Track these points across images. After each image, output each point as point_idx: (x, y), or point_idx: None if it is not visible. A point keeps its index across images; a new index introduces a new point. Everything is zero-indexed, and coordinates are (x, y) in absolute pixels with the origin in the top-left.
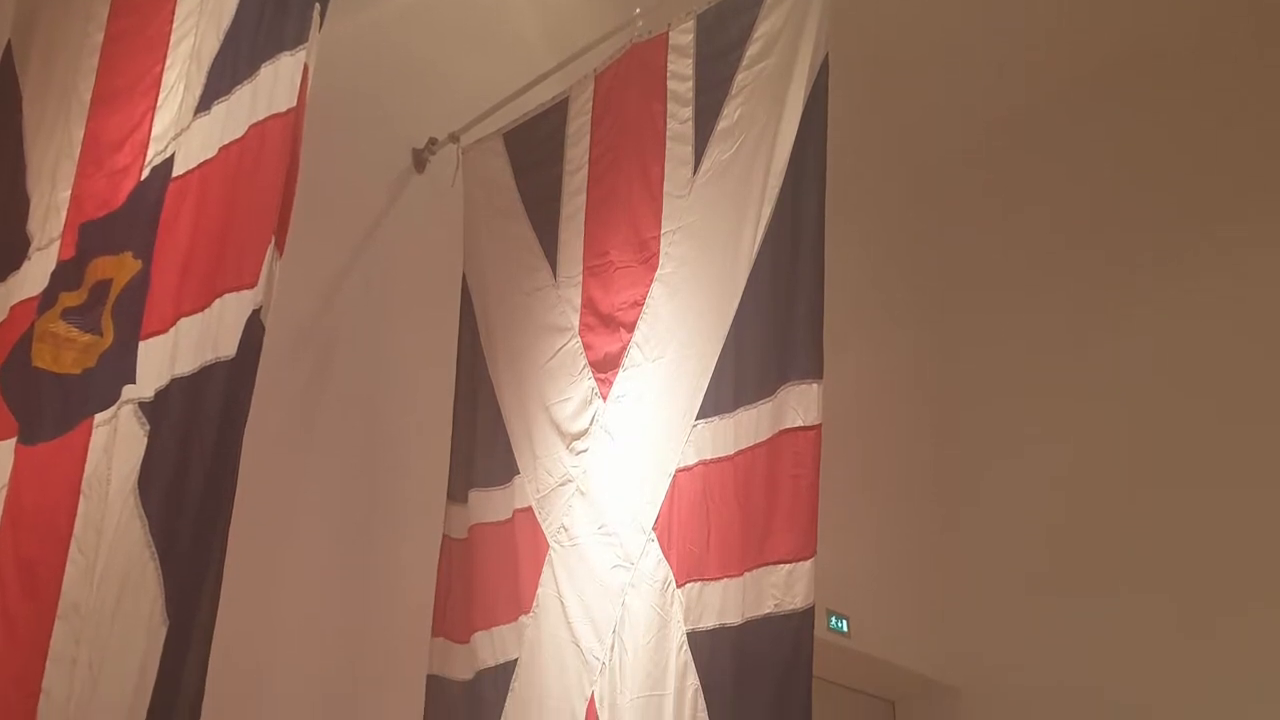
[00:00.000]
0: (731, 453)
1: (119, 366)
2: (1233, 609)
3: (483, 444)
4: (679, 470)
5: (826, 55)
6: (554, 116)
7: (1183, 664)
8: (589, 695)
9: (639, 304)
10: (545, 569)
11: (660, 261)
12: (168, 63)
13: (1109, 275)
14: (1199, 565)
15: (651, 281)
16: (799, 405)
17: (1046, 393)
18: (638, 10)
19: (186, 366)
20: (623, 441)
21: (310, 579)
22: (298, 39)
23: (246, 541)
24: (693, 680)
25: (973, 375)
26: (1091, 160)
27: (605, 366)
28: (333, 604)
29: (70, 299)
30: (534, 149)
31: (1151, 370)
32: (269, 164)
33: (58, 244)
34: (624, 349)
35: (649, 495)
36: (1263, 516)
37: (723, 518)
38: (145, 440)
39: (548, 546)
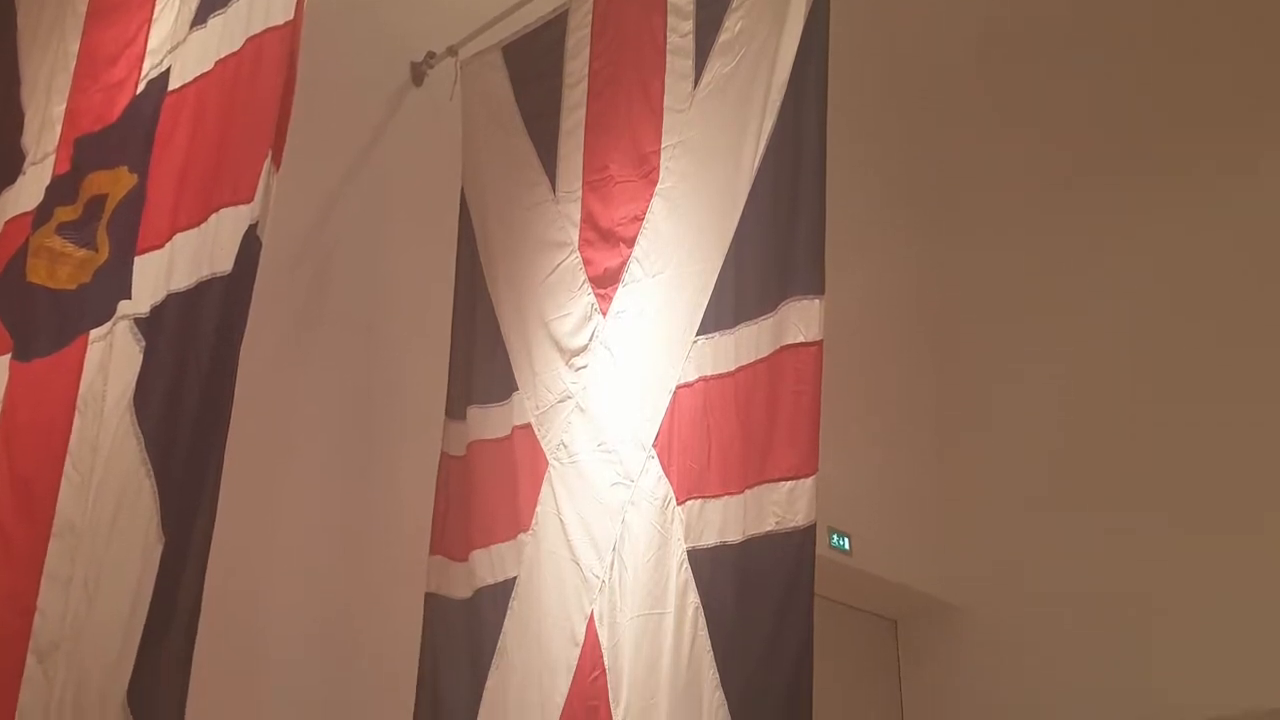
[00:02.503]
0: (732, 369)
1: (115, 282)
2: (1233, 524)
3: (481, 360)
4: (679, 386)
5: None
6: (553, 29)
7: (1183, 581)
8: (589, 613)
9: (639, 219)
10: (544, 486)
11: (660, 176)
12: None
13: (1111, 190)
14: (1200, 481)
15: (652, 196)
16: (800, 321)
17: (1049, 309)
18: None
19: (182, 282)
20: (622, 358)
21: (307, 497)
22: None
23: (243, 458)
24: (693, 598)
25: (975, 291)
26: (1092, 71)
27: (605, 282)
28: (330, 522)
29: (65, 214)
30: (533, 62)
31: (1153, 286)
32: (266, 78)
33: (53, 158)
34: (624, 264)
35: (649, 412)
36: (1262, 431)
37: (723, 434)
38: (141, 356)
39: (547, 464)
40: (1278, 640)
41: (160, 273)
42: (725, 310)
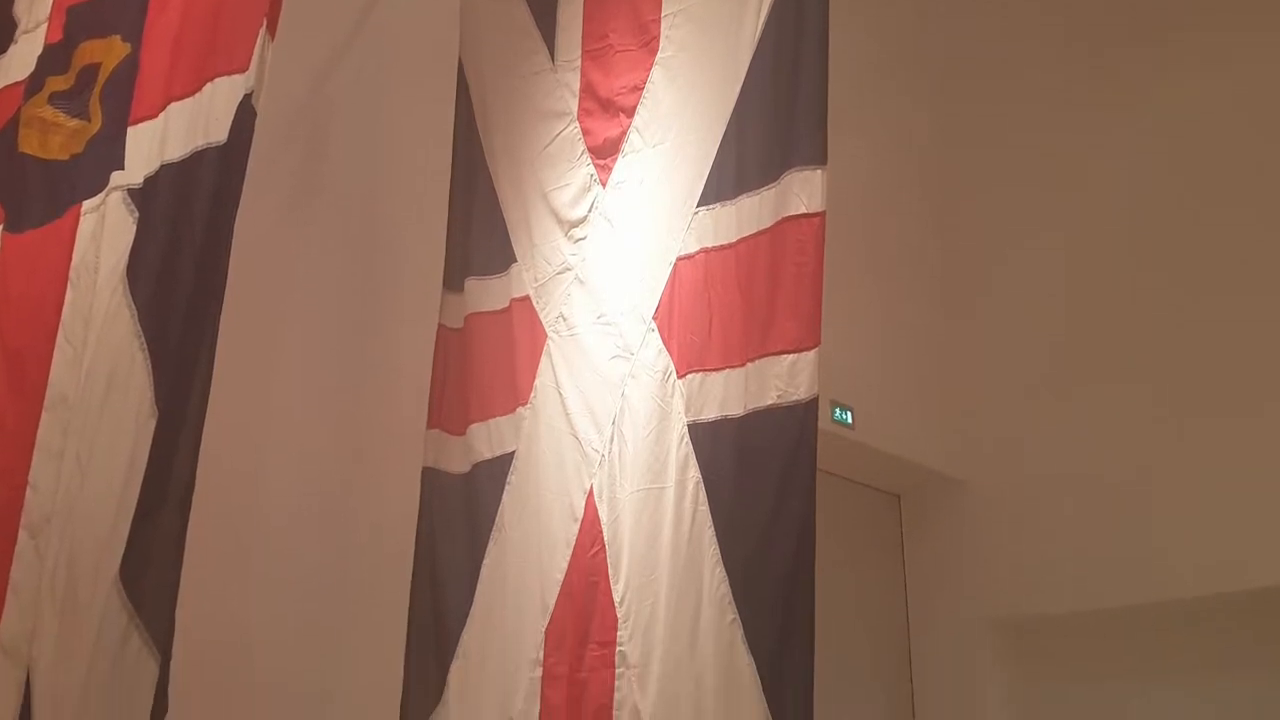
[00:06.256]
0: (733, 240)
1: (107, 152)
2: (1236, 400)
3: (479, 232)
4: (680, 258)
5: None
6: None
7: (1186, 457)
8: (587, 488)
9: (639, 88)
10: (543, 359)
11: (661, 45)
12: None
13: (1114, 60)
14: (1204, 354)
15: (652, 65)
16: (802, 191)
17: (1053, 182)
18: None
19: (176, 152)
20: (622, 229)
21: (304, 370)
22: None
23: (238, 332)
24: (694, 472)
25: (979, 163)
26: None
27: (604, 152)
28: (327, 395)
29: (58, 83)
30: None
31: (1158, 159)
32: None
33: (45, 27)
34: (623, 134)
35: (649, 284)
36: (1266, 306)
37: (724, 307)
38: (134, 228)
39: (546, 336)
40: (1277, 519)
41: (154, 143)
42: (726, 181)
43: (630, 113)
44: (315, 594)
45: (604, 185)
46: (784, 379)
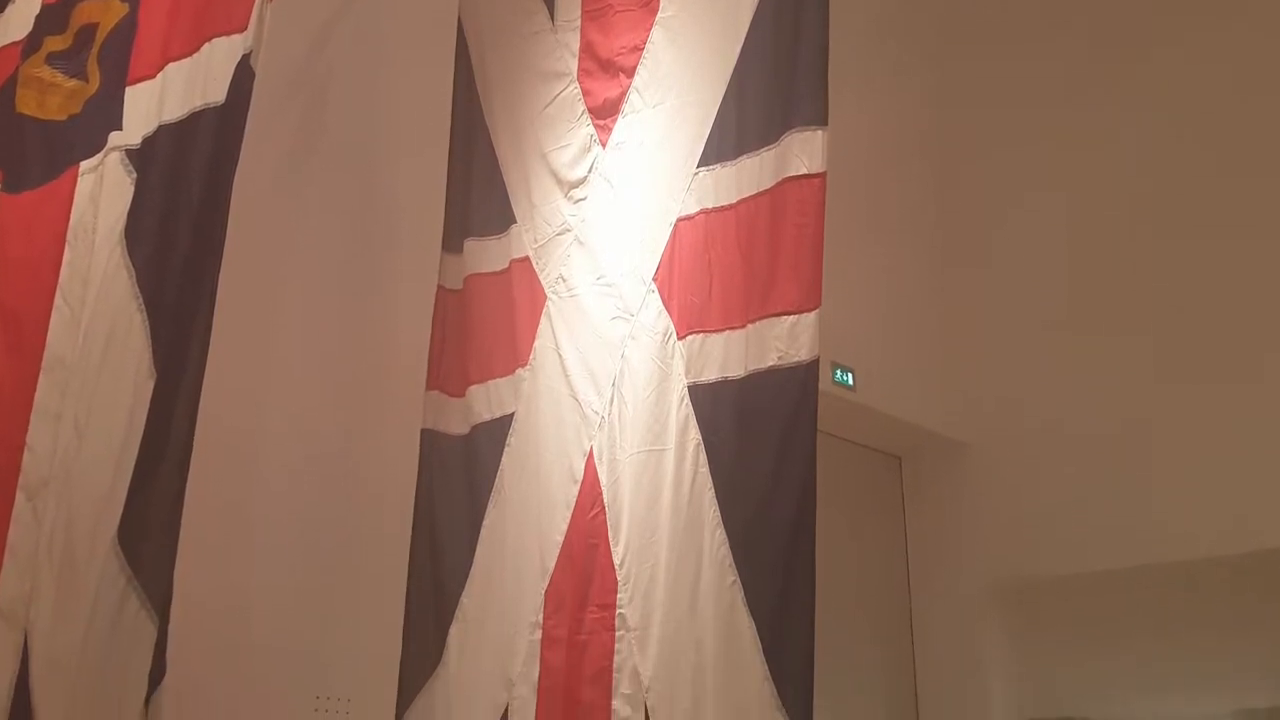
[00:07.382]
0: (734, 201)
1: (105, 113)
2: (1237, 361)
3: (479, 192)
4: (680, 219)
5: None
6: None
7: (1188, 414)
8: (587, 450)
9: (639, 49)
10: (543, 320)
11: (661, 5)
12: None
13: (1114, 18)
14: (1206, 317)
15: (652, 25)
16: (803, 152)
17: (1052, 141)
18: None
19: (175, 113)
20: (622, 190)
21: (303, 331)
22: None
23: (237, 292)
24: (694, 434)
25: (979, 123)
26: None
27: (604, 113)
28: (326, 357)
29: (55, 43)
30: None
31: (1159, 119)
32: None
33: None
34: (623, 95)
35: (649, 245)
36: (1265, 268)
37: (725, 268)
38: (132, 188)
39: (545, 297)
40: (1278, 481)
41: (152, 103)
42: (727, 141)
43: (630, 73)
44: (314, 556)
45: (604, 146)
46: (784, 340)
